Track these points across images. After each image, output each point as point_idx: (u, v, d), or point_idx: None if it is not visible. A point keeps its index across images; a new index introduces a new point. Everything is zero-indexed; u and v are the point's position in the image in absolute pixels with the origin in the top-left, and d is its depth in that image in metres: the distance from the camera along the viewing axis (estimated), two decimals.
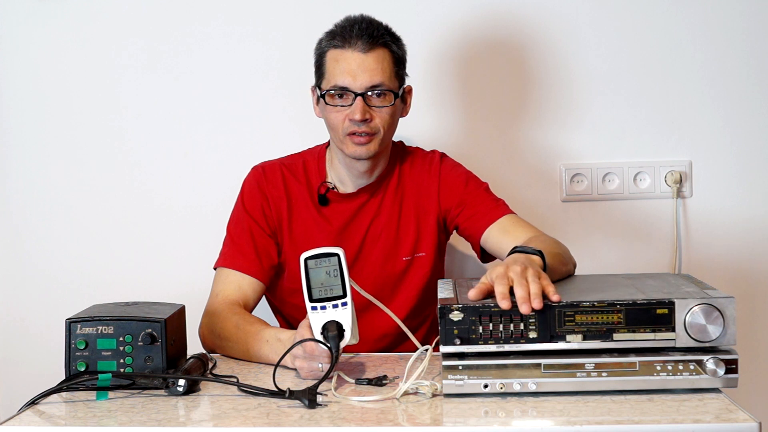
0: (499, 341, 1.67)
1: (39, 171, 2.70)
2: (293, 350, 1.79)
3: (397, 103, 2.15)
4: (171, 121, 2.67)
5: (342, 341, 1.74)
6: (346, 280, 1.75)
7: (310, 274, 1.76)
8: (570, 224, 2.65)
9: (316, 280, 1.76)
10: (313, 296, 1.76)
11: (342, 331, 1.75)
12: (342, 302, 1.75)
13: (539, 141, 2.66)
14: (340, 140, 2.14)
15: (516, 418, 1.58)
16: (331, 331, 1.74)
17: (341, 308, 1.75)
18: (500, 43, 2.64)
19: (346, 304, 1.75)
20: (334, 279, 1.75)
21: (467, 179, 2.26)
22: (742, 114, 2.63)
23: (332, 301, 1.75)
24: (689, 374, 1.65)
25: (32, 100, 2.69)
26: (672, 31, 2.62)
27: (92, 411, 1.67)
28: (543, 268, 1.82)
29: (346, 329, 1.75)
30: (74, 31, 2.66)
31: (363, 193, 2.24)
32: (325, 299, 1.75)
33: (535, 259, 1.82)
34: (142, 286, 2.64)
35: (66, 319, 1.79)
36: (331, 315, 1.75)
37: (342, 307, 1.75)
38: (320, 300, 1.76)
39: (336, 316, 1.75)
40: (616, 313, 1.67)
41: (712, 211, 2.65)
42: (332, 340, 1.74)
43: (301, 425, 1.57)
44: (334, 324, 1.74)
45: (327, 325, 1.75)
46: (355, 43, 2.09)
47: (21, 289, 2.72)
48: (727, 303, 1.66)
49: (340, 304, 1.75)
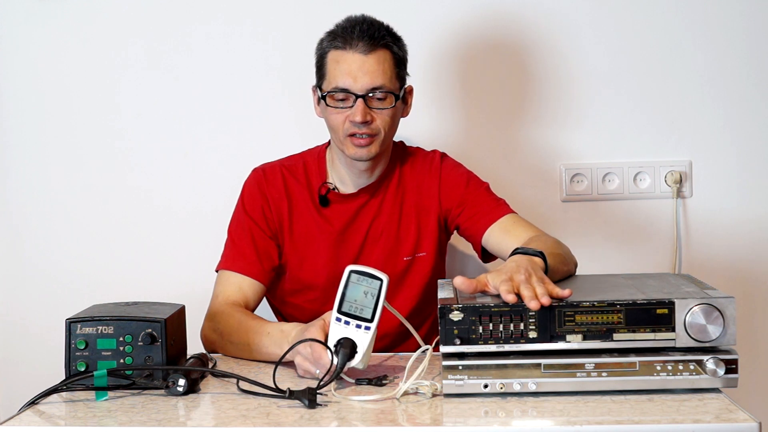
0: (499, 341, 1.67)
1: (39, 171, 2.70)
2: (300, 347, 1.79)
3: (398, 104, 2.15)
4: (171, 122, 2.67)
5: (350, 362, 1.74)
6: (379, 307, 1.73)
7: (349, 286, 1.76)
8: (570, 224, 2.65)
9: (352, 295, 1.75)
10: (342, 308, 1.75)
11: (354, 352, 1.74)
12: (366, 326, 1.74)
13: (539, 141, 2.66)
14: (341, 141, 2.15)
15: (516, 418, 1.58)
16: (345, 347, 1.73)
17: (363, 331, 1.74)
18: (500, 43, 2.64)
19: (369, 329, 1.74)
20: (368, 300, 1.74)
21: (468, 179, 2.26)
22: (742, 114, 2.63)
23: (358, 321, 1.74)
24: (689, 374, 1.65)
25: (32, 100, 2.69)
26: (672, 31, 2.62)
27: (92, 411, 1.67)
28: (545, 269, 1.82)
29: (358, 352, 1.74)
30: (74, 31, 2.67)
31: (363, 193, 2.24)
32: (352, 316, 1.75)
33: (537, 261, 1.82)
34: (142, 286, 2.64)
35: (66, 319, 1.79)
36: (351, 333, 1.74)
37: (364, 330, 1.74)
38: (347, 315, 1.75)
39: (355, 335, 1.74)
40: (616, 313, 1.67)
41: (712, 211, 2.65)
42: (341, 356, 1.73)
43: (301, 425, 1.57)
44: (349, 342, 1.74)
45: (343, 341, 1.74)
46: (356, 45, 2.09)
47: (21, 289, 2.72)
48: (727, 303, 1.66)
49: (364, 326, 1.74)
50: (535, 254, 1.85)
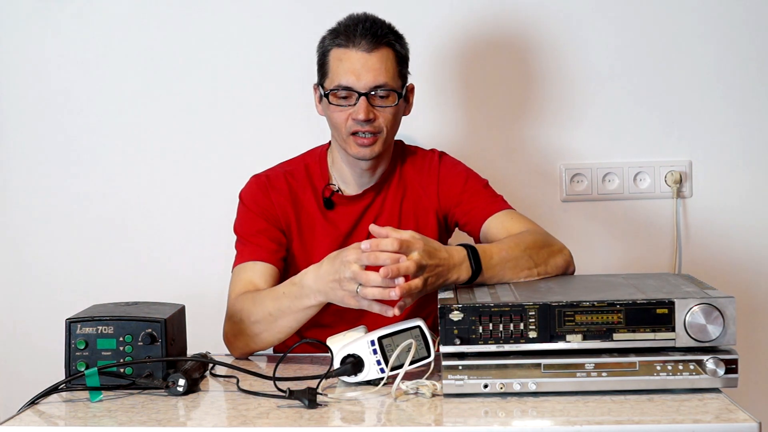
0: (499, 341, 1.67)
1: (39, 171, 2.70)
2: (347, 254, 1.80)
3: (400, 102, 2.14)
4: (171, 122, 2.67)
5: (353, 373, 1.74)
6: (402, 370, 1.71)
7: (405, 332, 1.77)
8: (570, 224, 2.65)
9: (400, 339, 1.75)
10: (384, 339, 1.75)
11: (359, 366, 1.74)
12: (382, 368, 1.74)
13: (540, 141, 2.66)
14: (343, 140, 2.14)
15: (516, 418, 1.58)
16: (353, 366, 1.74)
17: (376, 367, 1.74)
18: (501, 43, 2.64)
19: (383, 371, 1.74)
20: (403, 355, 1.73)
21: (467, 177, 2.26)
22: (742, 114, 2.64)
23: (382, 358, 1.74)
24: (689, 374, 1.65)
25: (32, 101, 2.68)
26: (672, 31, 2.62)
27: (92, 411, 1.67)
28: (475, 266, 1.86)
29: (362, 369, 1.74)
30: (74, 31, 2.66)
31: (367, 194, 2.23)
32: (383, 352, 1.75)
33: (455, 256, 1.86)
34: (142, 286, 2.64)
35: (66, 319, 1.79)
36: (368, 359, 1.74)
37: (378, 369, 1.74)
38: (381, 347, 1.75)
39: (368, 363, 1.74)
40: (616, 313, 1.67)
41: (712, 211, 2.65)
42: (343, 369, 1.74)
43: (301, 425, 1.57)
44: (361, 364, 1.74)
45: (357, 358, 1.74)
46: (359, 43, 2.09)
47: (21, 290, 2.72)
48: (727, 303, 1.66)
49: (381, 367, 1.74)
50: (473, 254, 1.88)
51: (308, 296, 1.90)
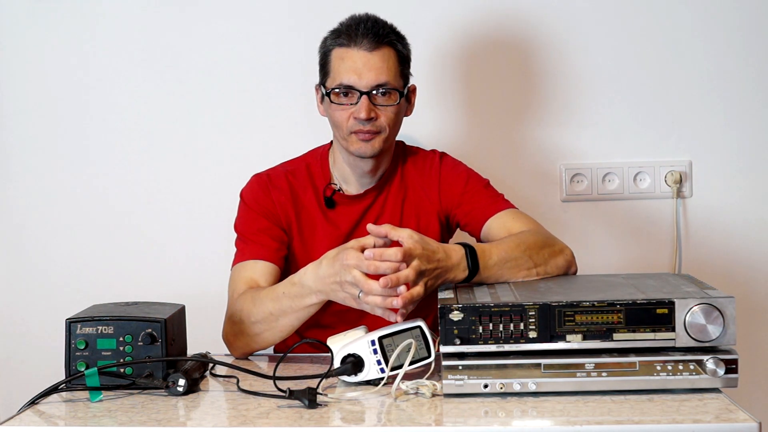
0: (499, 341, 1.67)
1: (39, 171, 2.70)
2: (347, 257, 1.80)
3: (401, 102, 2.14)
4: (171, 121, 2.67)
5: (353, 373, 1.74)
6: (402, 370, 1.71)
7: (406, 333, 1.76)
8: (570, 224, 2.65)
9: (401, 339, 1.75)
10: (384, 339, 1.75)
11: (359, 366, 1.74)
12: (382, 368, 1.74)
13: (540, 141, 2.66)
14: (345, 138, 2.14)
15: (516, 418, 1.58)
16: (353, 365, 1.74)
17: (377, 367, 1.74)
18: (501, 43, 2.64)
19: (383, 371, 1.74)
20: (403, 355, 1.73)
21: (468, 177, 2.26)
22: (742, 114, 2.64)
23: (382, 359, 1.74)
24: (689, 374, 1.65)
25: (32, 101, 2.69)
26: (672, 31, 2.62)
27: (92, 411, 1.67)
28: (472, 266, 1.86)
29: (363, 369, 1.74)
30: (74, 31, 2.67)
31: (368, 194, 2.23)
32: (383, 352, 1.74)
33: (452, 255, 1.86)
34: (142, 286, 2.64)
35: (66, 319, 1.79)
36: (368, 358, 1.74)
37: (378, 369, 1.74)
38: (382, 347, 1.75)
39: (368, 363, 1.74)
40: (616, 313, 1.67)
41: (712, 211, 2.65)
42: (342, 368, 1.74)
43: (301, 425, 1.57)
44: (361, 364, 1.74)
45: (357, 358, 1.74)
46: (361, 42, 2.09)
47: (21, 289, 2.72)
48: (727, 303, 1.66)
49: (381, 367, 1.74)
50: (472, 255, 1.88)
51: (309, 296, 1.90)
